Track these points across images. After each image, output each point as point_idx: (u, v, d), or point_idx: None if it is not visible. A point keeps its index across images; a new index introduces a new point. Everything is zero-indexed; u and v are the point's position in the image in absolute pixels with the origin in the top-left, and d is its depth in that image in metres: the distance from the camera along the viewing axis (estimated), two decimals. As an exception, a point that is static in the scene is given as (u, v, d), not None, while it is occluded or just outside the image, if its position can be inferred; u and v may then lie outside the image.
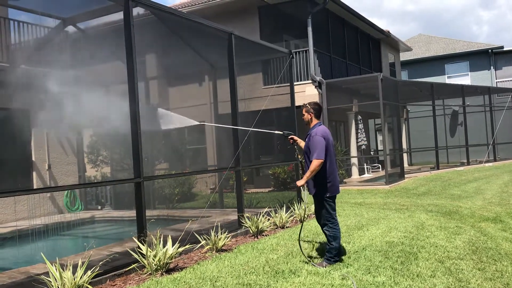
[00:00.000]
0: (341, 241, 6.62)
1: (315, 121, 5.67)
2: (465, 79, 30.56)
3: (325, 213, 5.47)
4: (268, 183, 15.55)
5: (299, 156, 6.15)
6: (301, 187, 5.95)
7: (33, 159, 11.90)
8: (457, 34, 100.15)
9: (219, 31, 8.22)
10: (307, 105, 5.76)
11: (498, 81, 30.39)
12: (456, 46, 32.48)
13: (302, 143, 5.97)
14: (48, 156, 12.15)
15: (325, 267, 5.27)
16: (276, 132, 6.93)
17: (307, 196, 6.01)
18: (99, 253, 6.31)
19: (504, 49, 30.74)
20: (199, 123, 7.61)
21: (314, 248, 6.32)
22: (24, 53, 11.32)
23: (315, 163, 5.27)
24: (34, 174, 11.87)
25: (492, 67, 30.68)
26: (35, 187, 11.49)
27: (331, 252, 5.43)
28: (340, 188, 5.93)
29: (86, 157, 12.92)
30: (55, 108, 8.01)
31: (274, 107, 12.30)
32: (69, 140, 12.84)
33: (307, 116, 5.71)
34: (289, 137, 6.16)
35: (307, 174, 5.33)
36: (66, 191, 11.95)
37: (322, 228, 5.58)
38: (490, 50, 30.60)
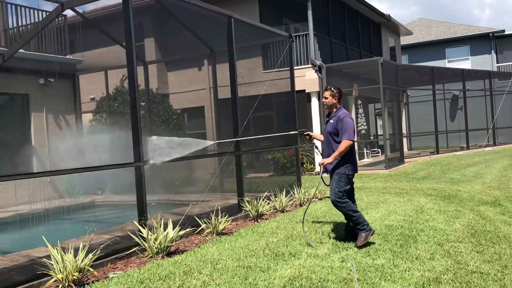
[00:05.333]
0: (341, 225, 6.66)
1: (338, 105, 5.81)
2: (466, 63, 30.42)
3: (338, 191, 5.50)
4: (268, 168, 15.58)
5: (319, 150, 6.18)
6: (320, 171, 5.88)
7: (33, 143, 11.90)
8: (458, 18, 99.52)
9: (219, 14, 8.15)
10: (333, 89, 5.82)
11: (499, 65, 30.26)
12: (456, 30, 32.27)
13: (318, 136, 6.19)
14: (48, 140, 12.15)
15: (365, 240, 5.33)
16: (292, 132, 7.37)
17: (320, 181, 5.96)
18: (100, 237, 6.35)
19: (506, 33, 30.55)
20: (214, 142, 8.03)
21: (317, 231, 6.35)
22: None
23: (346, 144, 5.46)
24: (34, 158, 11.88)
25: (493, 51, 30.53)
26: (35, 171, 11.51)
27: (360, 221, 5.42)
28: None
29: (86, 142, 12.92)
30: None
31: (273, 92, 12.26)
32: (69, 124, 12.84)
33: (330, 100, 5.79)
34: (305, 133, 6.32)
35: (336, 153, 5.49)
36: (67, 176, 11.97)
37: (336, 205, 5.54)
38: (491, 34, 30.41)
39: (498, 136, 23.59)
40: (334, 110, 5.80)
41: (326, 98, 5.82)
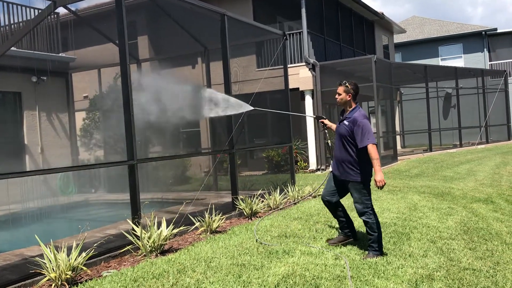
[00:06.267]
0: (334, 223, 6.68)
1: (353, 104, 5.15)
2: (459, 61, 30.54)
3: (366, 200, 5.04)
4: (262, 166, 15.59)
5: (329, 141, 5.85)
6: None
7: (26, 142, 11.83)
8: (451, 16, 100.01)
9: (212, 12, 8.13)
10: (347, 84, 5.13)
11: (492, 63, 30.41)
12: (449, 28, 32.39)
13: (334, 127, 5.62)
14: (40, 139, 12.09)
15: (377, 257, 4.85)
16: (309, 115, 6.96)
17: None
18: (93, 236, 6.33)
19: (498, 31, 30.69)
20: (253, 108, 7.66)
21: (311, 228, 6.36)
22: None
23: (375, 148, 4.86)
24: (27, 157, 11.81)
25: (485, 49, 30.66)
26: (27, 170, 11.45)
27: (377, 241, 4.95)
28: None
29: (79, 140, 12.88)
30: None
31: (267, 90, 12.26)
32: (62, 123, 12.77)
33: (344, 96, 5.13)
34: (320, 120, 5.88)
35: (377, 165, 4.87)
36: (60, 174, 11.92)
37: (360, 217, 5.09)
38: (483, 32, 30.53)
39: (491, 133, 23.73)
40: (349, 109, 5.15)
41: (339, 94, 5.16)
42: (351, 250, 5.20)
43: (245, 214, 7.61)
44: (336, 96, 5.23)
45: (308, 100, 15.59)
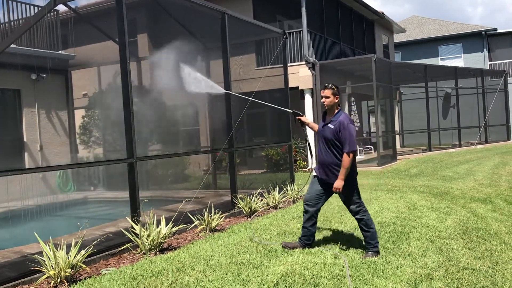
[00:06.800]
0: (333, 222, 6.69)
1: (339, 107, 5.12)
2: (458, 61, 30.53)
3: (357, 199, 5.01)
4: (261, 165, 15.58)
5: (313, 151, 5.80)
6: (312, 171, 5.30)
7: (25, 139, 11.82)
8: (451, 16, 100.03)
9: (213, 10, 8.12)
10: (334, 87, 5.06)
11: (491, 63, 30.42)
12: (449, 28, 32.38)
13: (311, 125, 5.63)
14: (40, 136, 12.07)
15: (376, 256, 4.86)
16: (286, 109, 6.92)
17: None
18: (92, 233, 6.32)
19: (498, 31, 30.69)
20: (247, 99, 7.59)
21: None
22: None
23: (348, 158, 4.84)
24: (26, 155, 11.80)
25: (485, 49, 30.66)
26: (27, 167, 11.44)
27: (374, 237, 4.98)
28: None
29: (78, 138, 12.86)
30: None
31: (267, 89, 12.24)
32: (61, 120, 12.76)
33: (332, 100, 5.06)
34: (297, 117, 5.64)
35: (343, 174, 4.84)
36: (59, 172, 11.91)
37: (355, 216, 5.06)
38: (483, 32, 30.53)
39: (490, 133, 23.75)
40: (335, 111, 5.07)
41: (327, 97, 5.04)
42: (350, 249, 5.20)
43: (244, 212, 7.61)
44: (324, 100, 5.10)
45: (308, 99, 15.59)
